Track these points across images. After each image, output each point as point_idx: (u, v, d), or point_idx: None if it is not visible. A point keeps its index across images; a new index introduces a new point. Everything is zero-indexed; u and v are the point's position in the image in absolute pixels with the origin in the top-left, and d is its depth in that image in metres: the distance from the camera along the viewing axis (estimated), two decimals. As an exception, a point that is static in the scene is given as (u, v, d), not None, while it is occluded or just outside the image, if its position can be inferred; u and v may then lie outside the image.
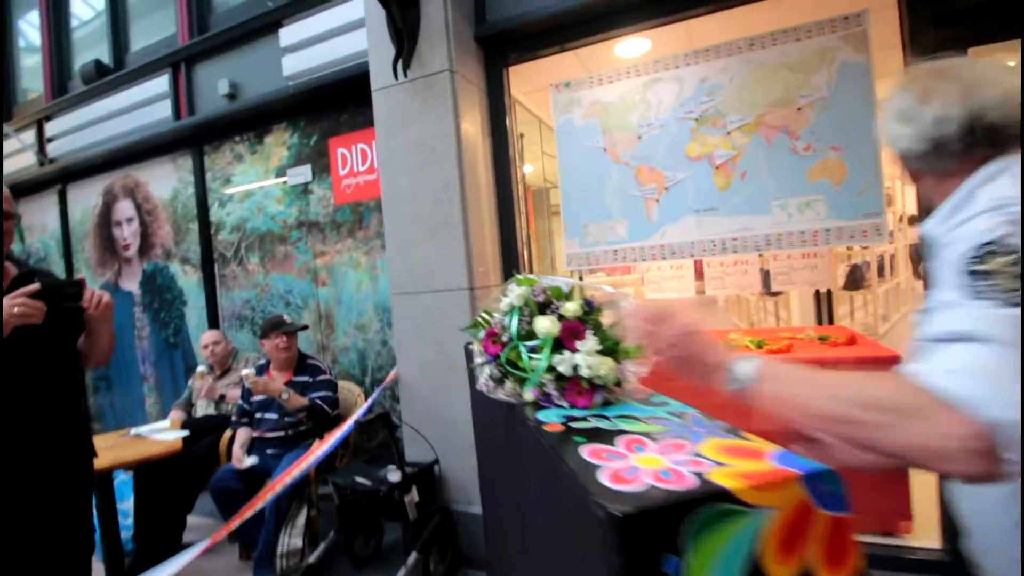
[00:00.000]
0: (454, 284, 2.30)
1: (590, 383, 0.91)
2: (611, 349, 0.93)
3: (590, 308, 0.98)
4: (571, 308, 0.97)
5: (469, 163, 2.32)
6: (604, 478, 0.59)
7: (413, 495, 2.13)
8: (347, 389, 2.86)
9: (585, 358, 0.91)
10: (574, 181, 2.48)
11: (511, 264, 2.56)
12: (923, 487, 1.85)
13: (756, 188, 2.15)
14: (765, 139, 2.13)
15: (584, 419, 0.85)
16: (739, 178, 2.17)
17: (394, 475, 2.09)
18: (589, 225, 2.46)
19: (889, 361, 1.89)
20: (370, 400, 2.24)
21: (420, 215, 2.36)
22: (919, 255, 3.33)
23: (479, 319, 1.15)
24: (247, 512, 1.89)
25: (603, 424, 0.82)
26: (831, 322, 3.25)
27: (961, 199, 0.72)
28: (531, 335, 1.01)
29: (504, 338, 1.02)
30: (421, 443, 2.37)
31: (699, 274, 2.83)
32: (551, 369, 0.95)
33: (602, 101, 2.39)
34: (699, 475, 0.57)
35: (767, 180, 2.14)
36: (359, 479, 2.21)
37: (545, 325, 0.96)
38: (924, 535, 1.91)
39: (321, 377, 2.63)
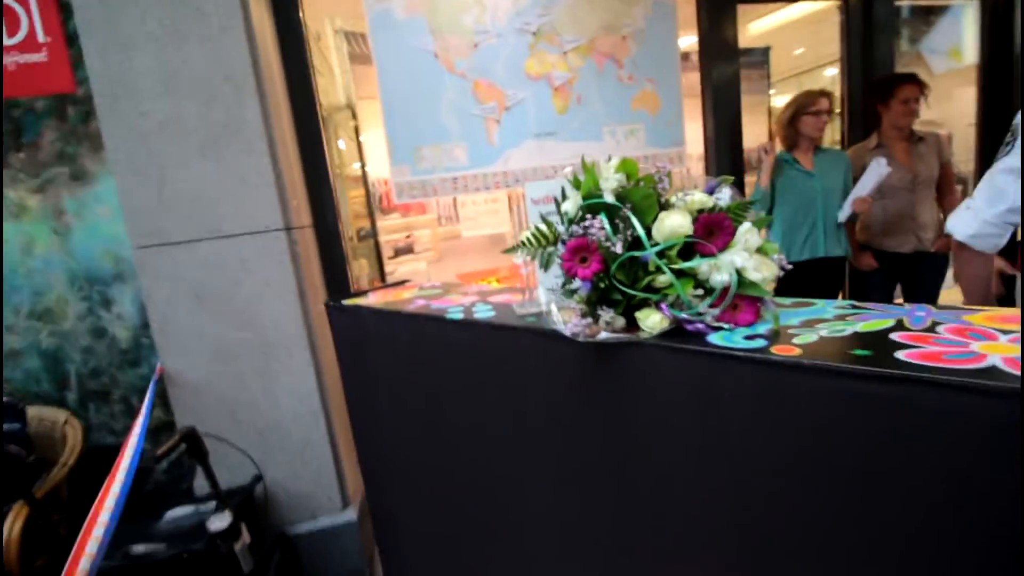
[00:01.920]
0: (260, 223, 1.58)
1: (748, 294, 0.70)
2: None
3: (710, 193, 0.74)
4: (701, 198, 0.71)
5: (262, 44, 1.57)
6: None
7: (244, 537, 1.45)
8: (41, 418, 1.71)
9: (750, 258, 0.68)
10: (399, 93, 2.00)
11: (321, 200, 1.93)
12: None
13: (590, 114, 2.17)
14: (596, 64, 2.14)
15: (765, 335, 0.64)
16: (575, 102, 2.15)
17: (219, 520, 1.35)
18: (423, 148, 2.04)
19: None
20: (143, 417, 1.33)
21: (184, 120, 1.49)
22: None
23: (533, 235, 0.76)
24: None
25: (822, 332, 0.63)
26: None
27: None
28: (635, 242, 0.71)
29: (615, 248, 0.68)
30: (224, 459, 1.62)
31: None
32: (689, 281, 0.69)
33: (428, -7, 1.96)
34: None
35: (599, 106, 2.18)
36: (140, 548, 1.36)
37: (677, 222, 0.68)
38: None
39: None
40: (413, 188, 2.07)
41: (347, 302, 1.26)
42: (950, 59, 2.93)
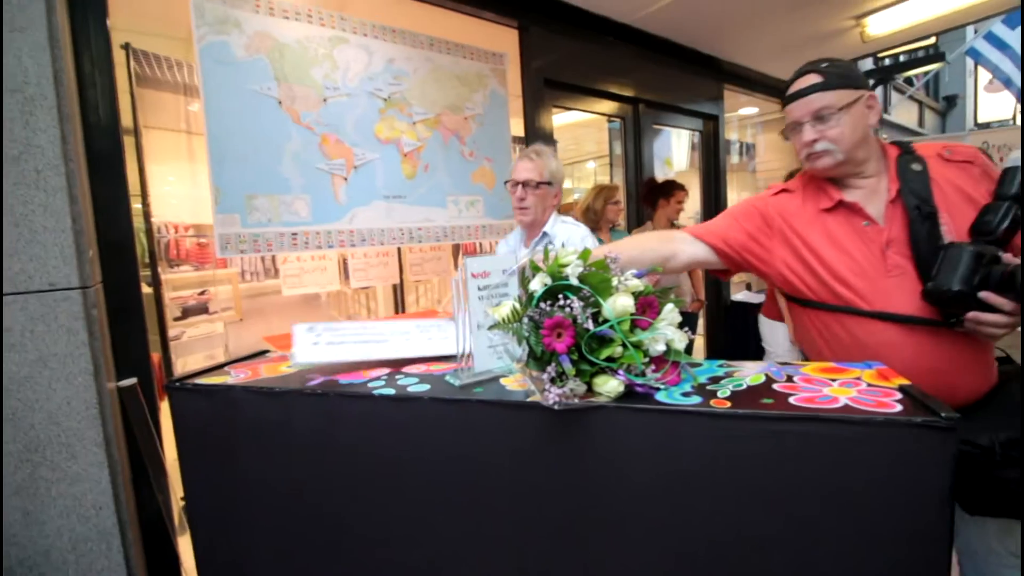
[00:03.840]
0: (41, 280, 1.18)
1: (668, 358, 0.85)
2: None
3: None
4: (637, 283, 0.85)
5: (65, 50, 1.24)
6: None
7: None
8: None
9: (675, 331, 0.84)
10: (231, 134, 1.77)
11: (117, 250, 1.53)
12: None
13: (436, 182, 2.27)
14: (442, 137, 2.27)
15: (694, 392, 0.80)
16: (423, 169, 2.22)
17: None
18: (257, 198, 1.82)
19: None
20: None
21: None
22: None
23: (510, 312, 0.78)
24: None
25: (730, 387, 0.82)
26: (403, 310, 3.72)
27: None
28: (593, 319, 0.81)
29: (587, 324, 0.76)
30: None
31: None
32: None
33: (274, 37, 1.83)
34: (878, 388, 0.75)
35: (444, 176, 2.29)
36: None
37: (626, 302, 0.81)
38: None
39: None
40: (243, 241, 1.81)
41: (203, 380, 1.03)
42: (665, 166, 3.97)
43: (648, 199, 2.88)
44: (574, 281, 0.80)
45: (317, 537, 0.96)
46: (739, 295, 3.84)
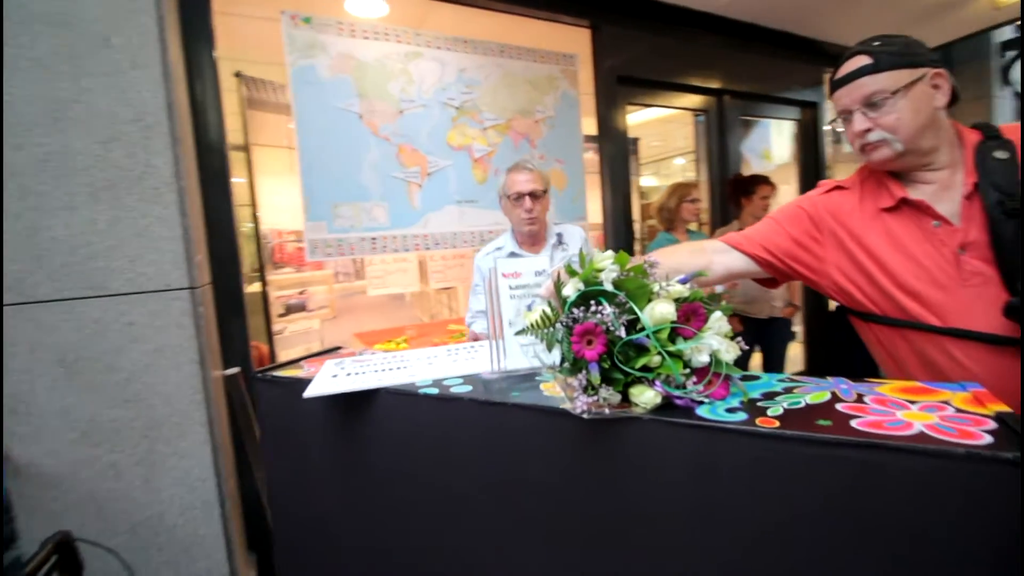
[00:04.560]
0: (158, 281, 1.38)
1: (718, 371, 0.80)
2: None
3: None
4: (680, 289, 0.81)
5: (177, 82, 1.44)
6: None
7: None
8: None
9: (721, 341, 0.79)
10: (319, 148, 1.94)
11: (224, 254, 1.75)
12: None
13: (507, 186, 2.30)
14: (513, 142, 2.31)
15: (741, 408, 0.74)
16: (494, 174, 2.27)
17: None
18: (341, 206, 1.98)
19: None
20: None
21: (72, 158, 1.28)
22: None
23: (542, 316, 0.79)
24: None
25: (784, 404, 0.75)
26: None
27: None
28: (629, 326, 0.78)
29: (619, 332, 0.74)
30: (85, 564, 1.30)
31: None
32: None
33: (356, 57, 1.98)
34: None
35: (514, 179, 2.32)
36: None
37: (665, 309, 0.77)
38: None
39: None
40: (328, 246, 1.98)
41: (280, 373, 1.14)
42: (763, 159, 3.68)
43: (732, 196, 2.70)
44: (608, 287, 0.78)
45: (366, 522, 1.04)
46: (844, 299, 3.47)
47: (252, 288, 2.51)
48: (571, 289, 0.81)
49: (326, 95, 1.93)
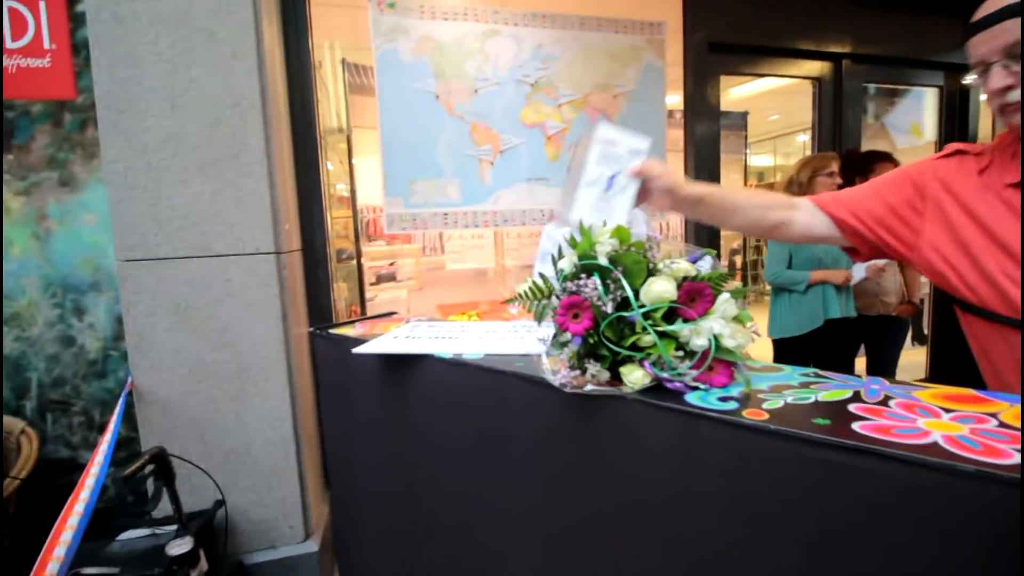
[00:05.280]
0: (251, 245, 1.59)
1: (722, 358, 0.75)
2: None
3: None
4: (686, 266, 0.77)
5: (271, 70, 1.62)
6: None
7: (202, 565, 1.40)
8: (-5, 427, 1.64)
9: (727, 326, 0.74)
10: (398, 128, 2.06)
11: (312, 225, 1.95)
12: None
13: (580, 163, 2.27)
14: (589, 118, 2.26)
15: (736, 398, 0.69)
16: (567, 151, 2.25)
17: (180, 545, 1.31)
18: (417, 182, 2.10)
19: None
20: (112, 434, 1.29)
21: (185, 138, 1.51)
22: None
23: (530, 288, 0.80)
24: None
25: (788, 399, 0.69)
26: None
27: None
28: (623, 303, 0.76)
29: (606, 307, 0.73)
30: (185, 481, 1.58)
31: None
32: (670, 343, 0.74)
33: (435, 39, 2.06)
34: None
35: (588, 157, 2.28)
36: (91, 571, 1.30)
37: (663, 288, 0.74)
38: None
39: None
40: (404, 220, 2.11)
41: (333, 331, 1.27)
42: (911, 135, 3.18)
43: (845, 175, 2.38)
44: (603, 261, 0.77)
45: (390, 468, 1.13)
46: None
47: (344, 254, 2.77)
48: (567, 263, 0.80)
49: (406, 77, 2.04)
